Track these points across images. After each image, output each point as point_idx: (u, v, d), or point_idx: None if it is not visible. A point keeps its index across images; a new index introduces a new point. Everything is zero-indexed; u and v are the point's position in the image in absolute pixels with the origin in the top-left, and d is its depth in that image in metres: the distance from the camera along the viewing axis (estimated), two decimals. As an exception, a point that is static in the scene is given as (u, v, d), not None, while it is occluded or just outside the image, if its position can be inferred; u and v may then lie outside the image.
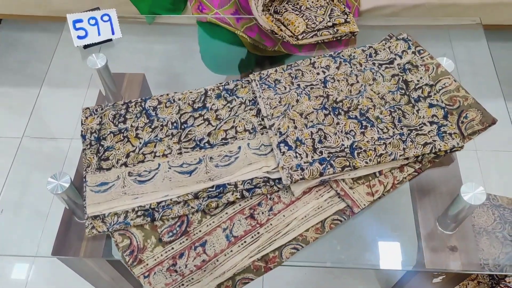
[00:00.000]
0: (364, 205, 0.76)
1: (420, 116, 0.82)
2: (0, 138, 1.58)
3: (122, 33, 0.99)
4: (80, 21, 0.95)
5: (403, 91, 0.85)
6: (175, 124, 0.85)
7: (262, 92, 0.86)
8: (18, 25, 1.87)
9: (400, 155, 0.77)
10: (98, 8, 0.98)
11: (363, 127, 0.80)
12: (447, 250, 0.77)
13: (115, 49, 1.03)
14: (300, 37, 0.96)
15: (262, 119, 0.83)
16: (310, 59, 0.91)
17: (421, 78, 0.86)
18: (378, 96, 0.85)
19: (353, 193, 0.76)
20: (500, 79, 0.99)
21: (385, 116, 0.82)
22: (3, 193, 0.85)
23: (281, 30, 0.97)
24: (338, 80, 0.87)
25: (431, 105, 0.83)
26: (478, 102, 0.86)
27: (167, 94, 0.89)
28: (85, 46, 0.98)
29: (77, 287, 1.17)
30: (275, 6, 1.02)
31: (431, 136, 0.79)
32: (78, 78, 1.11)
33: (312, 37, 0.97)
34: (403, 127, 0.81)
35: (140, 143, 0.83)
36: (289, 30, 0.98)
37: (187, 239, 0.74)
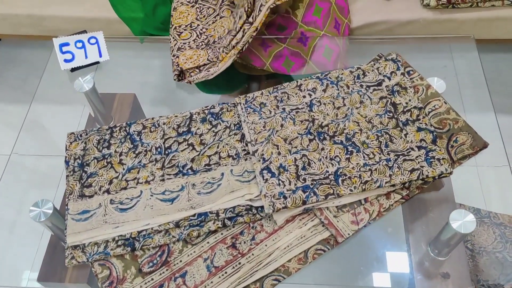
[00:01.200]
0: (349, 234, 0.74)
1: (408, 141, 0.80)
2: (-2, 155, 1.59)
3: (113, 52, 0.99)
4: (66, 44, 0.95)
5: (391, 114, 0.83)
6: (159, 149, 0.84)
7: (247, 116, 0.84)
8: (17, 42, 1.89)
9: (386, 182, 0.75)
10: (85, 31, 0.97)
11: (349, 152, 0.79)
12: (439, 277, 0.75)
13: (106, 68, 1.03)
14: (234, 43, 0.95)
15: (246, 145, 0.82)
16: (297, 81, 0.89)
17: (409, 100, 0.84)
18: (365, 120, 0.83)
19: (337, 221, 0.74)
20: (500, 92, 0.96)
21: (372, 140, 0.80)
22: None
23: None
24: (325, 104, 0.85)
25: (419, 129, 0.81)
26: (469, 125, 0.83)
27: (152, 118, 0.88)
28: (73, 69, 0.97)
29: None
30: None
31: (418, 162, 0.77)
32: (74, 95, 1.11)
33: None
34: (390, 152, 0.79)
35: (123, 169, 0.82)
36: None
37: (167, 270, 0.72)
